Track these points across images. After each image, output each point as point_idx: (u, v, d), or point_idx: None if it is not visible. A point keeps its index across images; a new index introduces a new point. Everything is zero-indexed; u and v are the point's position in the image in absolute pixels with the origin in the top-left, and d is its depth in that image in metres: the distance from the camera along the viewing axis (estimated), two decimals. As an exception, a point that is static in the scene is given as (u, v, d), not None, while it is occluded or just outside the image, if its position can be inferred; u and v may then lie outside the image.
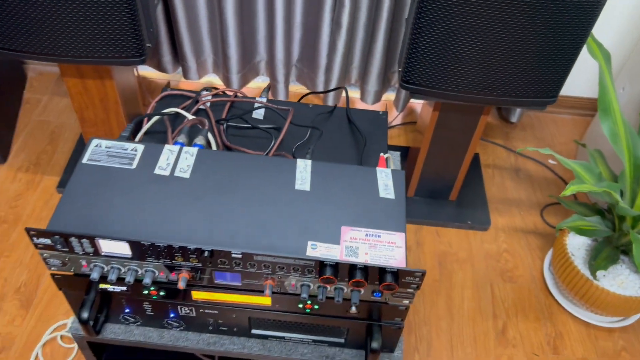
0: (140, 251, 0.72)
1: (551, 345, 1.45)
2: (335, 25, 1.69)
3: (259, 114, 1.03)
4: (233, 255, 0.71)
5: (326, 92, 1.45)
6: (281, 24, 1.71)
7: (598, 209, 1.45)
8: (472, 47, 1.17)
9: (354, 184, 0.79)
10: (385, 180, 0.79)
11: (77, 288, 0.80)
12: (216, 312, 0.83)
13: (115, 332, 0.89)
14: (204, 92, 1.08)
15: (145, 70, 2.00)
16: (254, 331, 0.87)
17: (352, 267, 0.70)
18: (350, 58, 1.80)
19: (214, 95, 1.05)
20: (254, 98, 1.05)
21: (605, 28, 1.74)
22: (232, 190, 0.77)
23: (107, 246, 0.71)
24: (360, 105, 1.94)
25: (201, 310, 0.83)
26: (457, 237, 1.66)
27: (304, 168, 0.79)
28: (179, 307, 0.83)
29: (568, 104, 1.98)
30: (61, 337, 1.37)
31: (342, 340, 0.87)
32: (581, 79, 1.89)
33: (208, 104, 1.02)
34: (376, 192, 0.78)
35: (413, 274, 0.70)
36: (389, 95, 1.99)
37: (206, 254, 0.70)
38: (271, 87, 1.88)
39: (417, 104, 2.01)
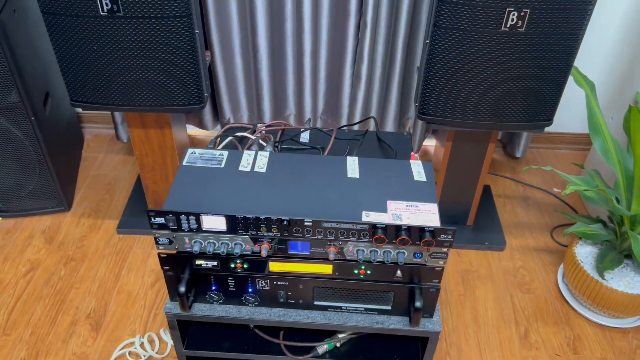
0: (233, 224, 0.94)
1: (571, 347, 1.61)
2: (355, 78, 1.98)
3: (305, 137, 1.28)
4: (305, 223, 0.93)
5: (356, 123, 1.70)
6: (308, 79, 2.00)
7: (600, 219, 1.66)
8: (476, 81, 1.43)
9: (394, 171, 1.02)
10: (418, 168, 1.03)
11: (177, 267, 1.02)
12: (287, 283, 1.04)
13: (202, 310, 1.09)
14: (259, 124, 1.34)
15: (188, 129, 2.28)
16: (316, 302, 1.07)
17: (398, 228, 0.92)
18: (368, 107, 2.07)
19: (267, 126, 1.31)
20: (300, 127, 1.30)
21: (593, 65, 2.02)
22: (299, 179, 1.00)
23: (208, 222, 0.94)
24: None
25: (275, 282, 1.04)
26: (476, 257, 1.85)
27: (352, 162, 1.03)
28: (257, 280, 1.04)
29: (567, 140, 2.23)
30: (129, 353, 1.55)
31: (389, 308, 1.07)
32: (578, 117, 2.15)
33: (264, 131, 1.27)
34: (411, 177, 1.02)
35: (446, 231, 0.92)
36: (405, 139, 2.24)
37: (285, 222, 0.93)
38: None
39: (430, 146, 2.26)
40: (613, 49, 2.00)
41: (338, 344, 1.18)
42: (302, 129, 1.26)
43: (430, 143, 2.27)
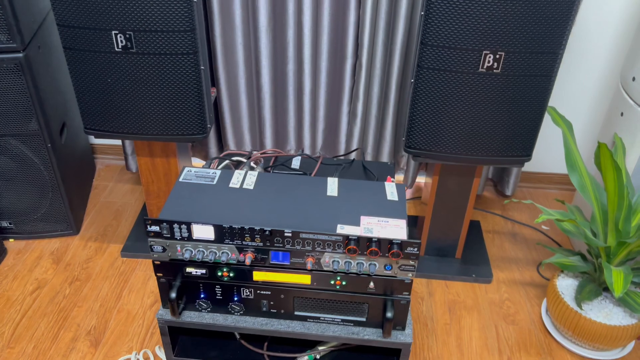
0: (221, 233, 1.05)
1: (552, 377, 1.66)
2: (351, 115, 2.11)
3: (296, 164, 1.39)
4: (285, 234, 1.03)
5: (345, 154, 1.82)
6: (308, 117, 2.14)
7: (580, 253, 1.74)
8: (457, 118, 1.55)
9: (369, 191, 1.13)
10: (391, 189, 1.13)
11: (169, 274, 1.12)
12: (269, 292, 1.13)
13: (191, 317, 1.18)
14: (255, 152, 1.45)
15: (194, 162, 2.41)
16: (296, 312, 1.16)
17: (369, 240, 1.02)
18: (364, 143, 2.19)
19: (262, 153, 1.43)
20: (292, 154, 1.42)
21: (577, 110, 2.14)
22: (283, 195, 1.11)
23: (198, 231, 1.05)
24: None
25: (258, 291, 1.13)
26: (463, 289, 1.93)
27: (333, 182, 1.14)
28: (242, 289, 1.13)
29: (555, 180, 2.33)
30: (125, 368, 1.63)
31: (364, 319, 1.15)
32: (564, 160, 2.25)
33: (258, 157, 1.39)
34: (385, 197, 1.12)
35: (412, 244, 1.02)
36: (399, 177, 2.35)
37: (267, 232, 1.03)
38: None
39: (423, 183, 2.37)
40: (594, 91, 2.12)
41: (318, 356, 1.26)
42: (294, 156, 1.38)
43: (423, 180, 2.38)
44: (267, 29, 1.99)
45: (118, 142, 2.42)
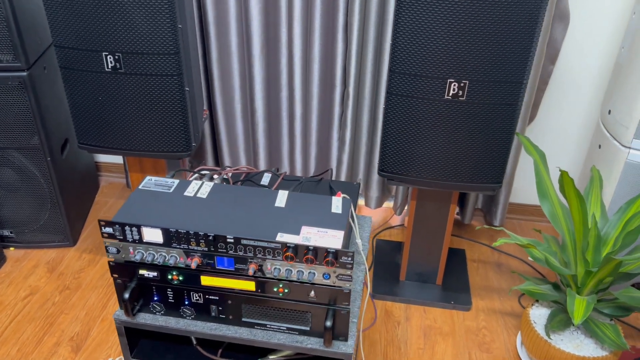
0: (168, 237, 1.12)
1: (521, 407, 1.64)
2: (340, 142, 2.17)
3: (265, 181, 1.46)
4: (228, 240, 1.09)
5: (319, 174, 1.86)
6: (299, 142, 2.21)
7: (553, 282, 1.74)
8: (426, 143, 1.60)
9: (315, 204, 1.19)
10: (337, 203, 1.19)
11: (124, 275, 1.19)
12: (217, 298, 1.19)
13: (145, 319, 1.24)
14: (228, 167, 1.53)
15: (192, 181, 2.50)
16: (244, 319, 1.21)
17: (306, 248, 1.07)
18: (355, 171, 2.25)
19: (235, 169, 1.50)
20: (263, 170, 1.49)
21: (563, 144, 2.16)
22: (232, 205, 1.18)
23: (148, 234, 1.12)
24: (365, 211, 2.35)
25: (207, 296, 1.19)
26: (441, 315, 1.94)
27: (283, 195, 1.20)
28: (191, 293, 1.19)
29: (542, 212, 2.32)
30: (101, 373, 1.69)
31: (308, 328, 1.19)
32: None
33: (230, 174, 1.46)
34: (329, 210, 1.17)
35: (346, 253, 1.06)
36: (389, 204, 2.40)
37: (211, 238, 1.10)
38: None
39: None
40: (577, 126, 2.14)
41: (268, 365, 1.30)
42: (264, 171, 1.45)
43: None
44: (260, 56, 2.09)
45: (120, 160, 2.53)
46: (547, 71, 2.01)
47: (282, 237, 1.10)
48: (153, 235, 1.12)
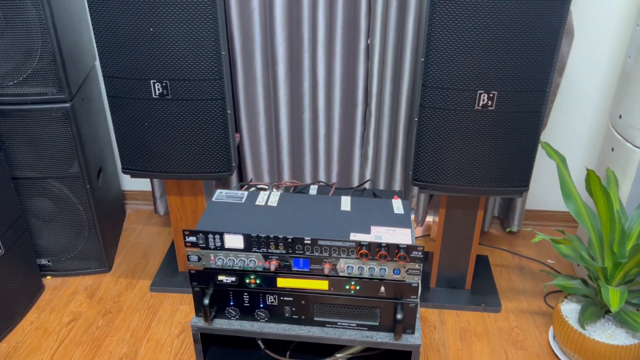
0: (249, 242, 1.21)
1: (561, 397, 1.74)
2: (363, 158, 2.30)
3: (312, 192, 1.57)
4: (305, 241, 1.20)
5: (359, 185, 1.97)
6: (323, 160, 2.33)
7: (582, 278, 1.86)
8: (458, 151, 1.73)
9: (378, 207, 1.30)
10: (398, 205, 1.30)
11: (203, 282, 1.28)
12: (291, 299, 1.28)
13: (221, 324, 1.33)
14: (274, 182, 1.64)
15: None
16: (316, 318, 1.30)
17: (379, 245, 1.18)
18: (376, 185, 2.37)
19: (282, 184, 1.61)
20: (308, 183, 1.60)
21: (574, 148, 2.31)
22: (302, 211, 1.28)
23: (230, 240, 1.21)
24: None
25: (281, 297, 1.28)
26: (474, 317, 2.04)
27: (346, 200, 1.32)
28: (267, 295, 1.28)
29: (558, 217, 2.47)
30: (155, 390, 1.75)
31: (377, 323, 1.29)
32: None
33: (282, 188, 1.57)
34: (392, 211, 1.28)
35: (417, 247, 1.17)
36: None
37: (289, 240, 1.20)
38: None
39: (432, 223, 2.51)
40: (587, 130, 2.30)
41: (336, 363, 1.38)
42: (311, 184, 1.56)
43: (431, 218, 2.53)
44: (284, 81, 2.22)
45: (147, 188, 2.62)
46: (555, 83, 2.17)
47: (356, 237, 1.20)
48: (234, 241, 1.21)
